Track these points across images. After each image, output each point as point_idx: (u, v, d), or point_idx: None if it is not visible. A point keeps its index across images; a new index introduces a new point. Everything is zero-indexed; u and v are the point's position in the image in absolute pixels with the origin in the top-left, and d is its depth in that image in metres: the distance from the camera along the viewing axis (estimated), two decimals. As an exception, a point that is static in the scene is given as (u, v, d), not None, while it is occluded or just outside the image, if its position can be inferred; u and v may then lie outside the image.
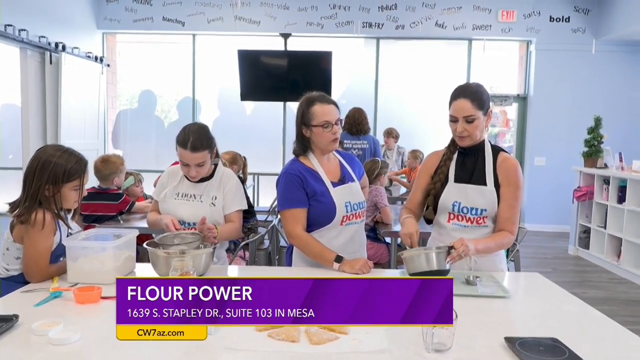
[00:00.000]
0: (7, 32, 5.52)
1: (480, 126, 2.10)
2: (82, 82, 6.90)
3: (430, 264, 1.93)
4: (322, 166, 2.22)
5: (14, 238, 1.94)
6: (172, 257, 1.88)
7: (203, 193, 2.33)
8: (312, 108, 2.15)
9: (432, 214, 2.22)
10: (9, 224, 1.96)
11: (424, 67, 8.04)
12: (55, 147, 2.03)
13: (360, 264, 2.05)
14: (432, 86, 7.98)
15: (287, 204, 2.16)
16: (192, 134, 2.23)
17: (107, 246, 1.95)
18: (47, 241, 1.93)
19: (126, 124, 8.43)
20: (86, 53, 7.03)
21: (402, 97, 8.08)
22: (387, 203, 3.90)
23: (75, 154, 2.03)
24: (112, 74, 8.03)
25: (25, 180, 1.94)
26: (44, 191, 1.93)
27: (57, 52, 6.34)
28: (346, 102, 8.31)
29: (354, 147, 5.16)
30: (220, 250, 2.37)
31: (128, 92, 8.74)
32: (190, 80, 8.03)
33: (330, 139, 2.15)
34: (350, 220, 2.21)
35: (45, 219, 1.90)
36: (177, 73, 8.19)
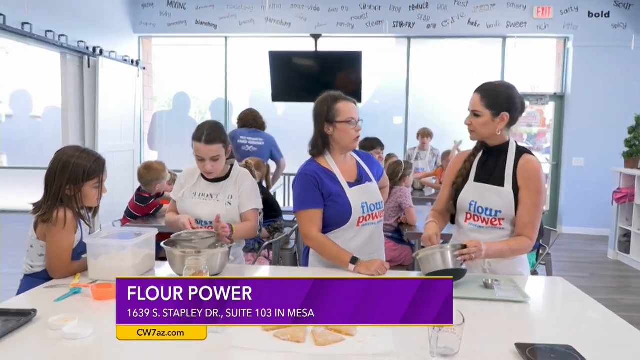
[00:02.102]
0: (48, 38, 5.75)
1: (487, 125, 2.05)
2: (119, 85, 7.11)
3: (446, 262, 1.89)
4: (338, 166, 2.21)
5: (37, 236, 2.01)
6: (187, 255, 1.91)
7: (219, 192, 2.36)
8: (337, 105, 2.16)
9: (452, 208, 2.19)
10: (33, 222, 2.03)
11: (457, 66, 7.90)
12: (74, 147, 2.10)
13: (376, 265, 2.03)
14: (465, 86, 7.82)
15: (303, 205, 2.16)
16: (206, 128, 2.29)
17: (126, 244, 2.00)
18: (68, 238, 1.99)
19: (161, 125, 8.63)
20: (123, 57, 7.23)
21: (435, 98, 7.96)
22: (412, 204, 3.84)
23: (93, 153, 2.09)
24: (147, 76, 8.24)
25: (47, 181, 2.02)
26: (65, 190, 1.99)
27: (95, 56, 6.55)
28: (378, 102, 8.28)
29: (250, 143, 5.03)
30: (237, 249, 2.39)
31: (163, 94, 8.95)
32: (223, 82, 8.15)
33: (354, 136, 2.17)
34: (367, 221, 2.19)
35: (67, 217, 1.96)
36: (210, 75, 8.33)
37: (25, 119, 9.07)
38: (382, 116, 8.01)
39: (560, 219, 7.64)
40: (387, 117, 8.07)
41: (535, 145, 7.91)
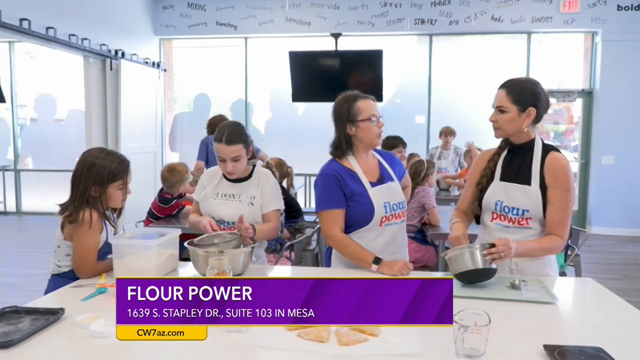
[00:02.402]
0: (71, 42, 5.89)
1: (514, 121, 2.03)
2: (140, 87, 7.24)
3: (475, 262, 1.88)
4: (360, 166, 2.21)
5: (64, 236, 2.07)
6: (210, 255, 1.94)
7: (242, 193, 2.39)
8: (356, 104, 2.17)
9: (477, 208, 2.17)
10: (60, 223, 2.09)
11: (480, 63, 7.82)
12: (99, 149, 2.15)
13: (399, 265, 2.03)
14: (489, 83, 7.74)
15: (325, 205, 2.17)
16: (226, 129, 2.32)
17: (151, 244, 2.03)
18: (94, 239, 2.04)
19: (182, 126, 8.76)
20: (144, 59, 7.36)
21: (457, 95, 7.90)
22: (435, 204, 3.82)
23: (118, 155, 2.14)
24: (168, 78, 8.37)
25: (73, 182, 2.07)
26: (90, 192, 2.04)
27: (117, 59, 6.68)
28: (400, 101, 8.25)
29: None
30: (259, 249, 2.41)
31: (184, 95, 9.07)
32: (243, 83, 8.23)
33: (377, 132, 2.18)
34: (390, 221, 2.19)
35: (93, 217, 2.01)
36: (230, 76, 8.41)
37: (50, 122, 9.30)
38: (404, 115, 7.98)
39: (589, 219, 7.50)
40: (409, 116, 8.04)
41: (563, 143, 7.78)
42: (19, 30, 5.14)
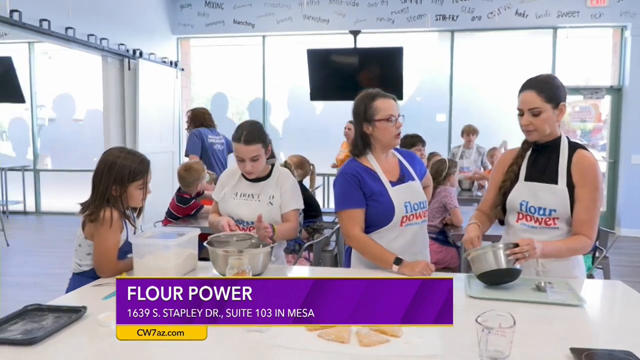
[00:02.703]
0: (90, 42, 6.00)
1: (549, 120, 2.00)
2: (158, 86, 7.34)
3: (498, 262, 1.87)
4: (380, 165, 2.22)
5: (85, 235, 2.12)
6: (230, 255, 1.96)
7: (261, 192, 2.41)
8: (374, 103, 2.17)
9: (500, 213, 2.16)
10: (80, 222, 2.14)
11: (504, 60, 7.74)
12: (120, 148, 2.20)
13: (420, 266, 2.03)
14: (513, 80, 7.64)
15: (344, 205, 2.18)
16: (245, 129, 2.35)
17: (170, 244, 2.07)
18: (115, 238, 2.09)
19: (200, 126, 8.84)
20: (162, 58, 7.46)
21: (480, 93, 7.83)
22: (457, 204, 3.80)
23: (138, 154, 2.18)
24: (186, 77, 8.46)
25: (94, 182, 2.12)
26: (111, 191, 2.09)
27: (135, 59, 6.79)
28: (420, 99, 8.21)
29: (217, 142, 5.16)
30: (278, 249, 2.43)
31: (202, 95, 9.16)
32: (261, 82, 8.28)
33: (395, 133, 2.17)
34: (411, 221, 2.20)
35: (113, 216, 2.06)
36: (248, 75, 8.47)
37: (68, 122, 9.48)
38: (425, 114, 7.95)
39: (618, 221, 7.36)
40: (429, 115, 8.00)
41: (590, 142, 7.66)
42: (39, 31, 5.26)
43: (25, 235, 7.41)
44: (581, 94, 7.37)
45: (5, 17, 4.82)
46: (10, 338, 1.44)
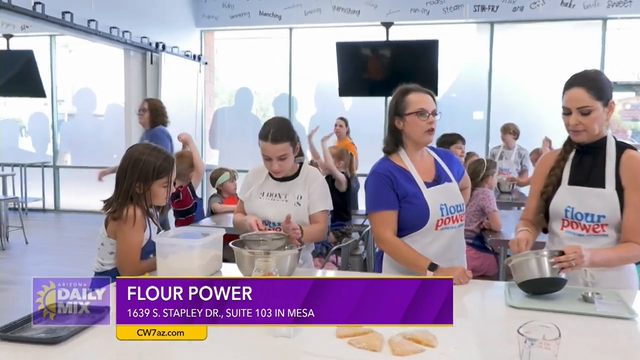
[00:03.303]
0: (112, 35, 6.14)
1: (598, 119, 1.96)
2: (180, 81, 7.46)
3: (542, 270, 1.85)
4: (414, 165, 2.21)
5: (108, 234, 2.18)
6: (256, 257, 1.98)
7: (288, 192, 2.43)
8: (407, 97, 2.18)
9: (543, 221, 2.13)
10: (103, 220, 2.20)
11: (548, 54, 7.60)
12: (145, 145, 2.25)
13: (457, 272, 2.02)
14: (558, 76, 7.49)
15: (376, 206, 2.18)
16: (272, 126, 2.36)
17: (194, 244, 2.11)
18: (138, 236, 2.14)
19: (223, 122, 8.94)
20: (185, 52, 7.58)
21: (521, 90, 7.72)
22: (496, 208, 3.76)
23: (163, 151, 2.23)
24: (209, 72, 8.57)
25: (118, 178, 2.17)
26: (135, 188, 2.14)
27: (158, 52, 6.92)
28: (456, 95, 8.13)
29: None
30: (306, 252, 2.45)
31: (225, 90, 9.27)
32: (287, 76, 8.32)
33: (425, 128, 2.16)
34: (447, 225, 2.18)
35: (136, 215, 2.11)
36: (274, 69, 8.53)
37: (89, 117, 9.71)
38: (461, 111, 7.87)
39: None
40: (466, 112, 7.94)
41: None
42: (61, 24, 5.41)
43: (44, 233, 7.62)
44: (633, 91, 7.18)
45: (28, 9, 4.97)
46: (34, 337, 1.49)
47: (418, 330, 1.49)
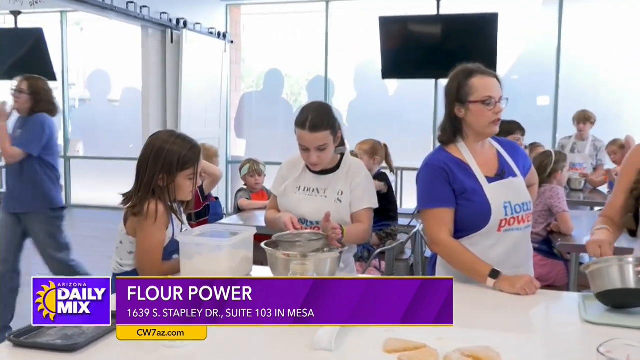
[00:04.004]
0: (129, 10, 6.25)
1: None
2: (204, 62, 7.54)
3: (626, 280, 1.80)
4: (474, 157, 2.19)
5: (127, 231, 2.22)
6: (292, 259, 2.00)
7: (328, 187, 2.43)
8: (471, 81, 2.15)
9: (632, 222, 2.07)
10: (122, 215, 2.24)
11: (628, 31, 7.39)
12: (169, 132, 2.28)
13: (522, 282, 1.99)
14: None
15: (430, 203, 2.16)
16: (311, 112, 2.35)
17: (223, 244, 2.13)
18: (160, 235, 2.17)
19: (250, 109, 9.02)
20: (208, 29, 7.66)
21: (596, 72, 7.55)
22: (566, 207, 3.68)
23: (189, 139, 2.26)
24: (236, 51, 8.64)
25: (139, 169, 2.21)
26: (157, 181, 2.17)
27: (179, 29, 7.01)
28: (518, 77, 8.00)
29: None
30: (347, 255, 2.45)
31: (253, 72, 9.34)
32: (323, 57, 8.31)
33: (491, 119, 2.14)
34: (511, 226, 2.15)
35: (158, 210, 2.14)
36: (308, 48, 8.55)
37: (102, 102, 9.93)
38: (523, 95, 7.75)
39: None
40: (529, 97, 7.83)
41: None
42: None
43: (54, 231, 7.82)
44: None
45: (39, -17, 5.11)
46: (50, 343, 1.54)
47: (479, 346, 1.47)
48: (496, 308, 1.93)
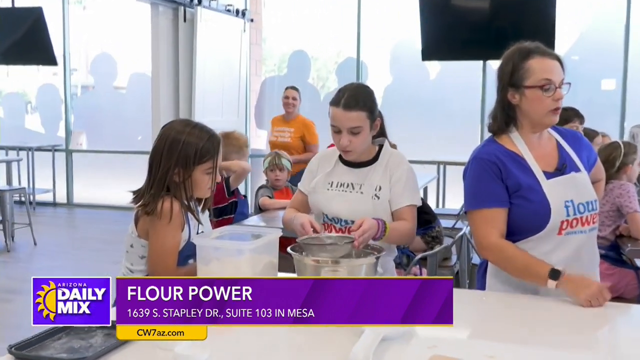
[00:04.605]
0: (137, -15, 6.33)
1: None
2: (220, 43, 7.59)
3: None
4: (531, 149, 2.17)
5: (138, 232, 2.23)
6: (322, 266, 1.99)
7: (364, 182, 2.42)
8: (528, 62, 2.13)
9: None
10: (133, 215, 2.26)
11: None
12: (184, 122, 2.30)
13: (589, 292, 1.95)
14: None
15: (479, 203, 2.15)
16: (348, 90, 2.37)
17: (244, 248, 2.13)
18: (175, 236, 2.19)
19: (272, 95, 9.04)
20: (226, 6, 7.70)
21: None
22: (638, 207, 3.62)
23: (207, 129, 2.26)
24: (256, 31, 8.67)
25: (152, 163, 2.22)
26: (172, 176, 2.19)
27: (192, 7, 7.07)
28: (579, 58, 7.89)
29: None
30: (386, 258, 2.43)
31: (275, 54, 9.37)
32: (354, 36, 8.30)
33: (550, 107, 2.12)
34: (574, 228, 2.13)
35: (174, 209, 2.16)
36: (337, 27, 8.53)
37: (108, 89, 10.04)
38: (585, 78, 7.68)
39: None
40: (592, 80, 7.78)
41: None
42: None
43: (56, 233, 7.98)
44: None
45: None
46: (55, 357, 1.57)
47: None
48: (555, 323, 1.90)
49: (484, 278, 2.26)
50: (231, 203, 4.18)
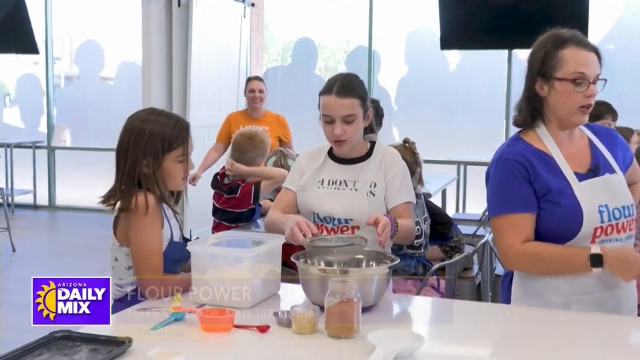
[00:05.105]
0: (127, -34, 6.34)
1: None
2: (218, 29, 7.58)
3: None
4: (561, 148, 2.17)
5: (118, 240, 2.28)
6: (330, 276, 1.99)
7: (357, 178, 2.47)
8: (562, 52, 2.13)
9: None
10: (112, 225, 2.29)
11: None
12: (148, 111, 2.39)
13: None
14: None
15: (504, 208, 2.15)
16: (339, 79, 2.49)
17: (243, 256, 2.15)
18: (155, 230, 2.23)
19: (276, 87, 9.03)
20: (224, -11, 7.71)
21: None
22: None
23: (174, 116, 2.38)
24: (257, 17, 8.67)
25: (119, 158, 2.29)
26: (142, 168, 2.24)
27: (188, -10, 7.07)
28: (614, 47, 7.87)
29: None
30: None
31: (279, 42, 9.38)
32: (366, 23, 8.29)
33: (580, 103, 2.12)
34: (609, 235, 2.13)
35: (149, 201, 2.20)
36: (347, 13, 8.53)
37: (94, 80, 10.05)
38: (621, 70, 7.64)
39: None
40: (629, 71, 7.80)
41: None
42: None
43: (36, 238, 8.00)
44: None
45: None
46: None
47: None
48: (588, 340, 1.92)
49: (508, 290, 2.26)
50: (250, 210, 4.18)
